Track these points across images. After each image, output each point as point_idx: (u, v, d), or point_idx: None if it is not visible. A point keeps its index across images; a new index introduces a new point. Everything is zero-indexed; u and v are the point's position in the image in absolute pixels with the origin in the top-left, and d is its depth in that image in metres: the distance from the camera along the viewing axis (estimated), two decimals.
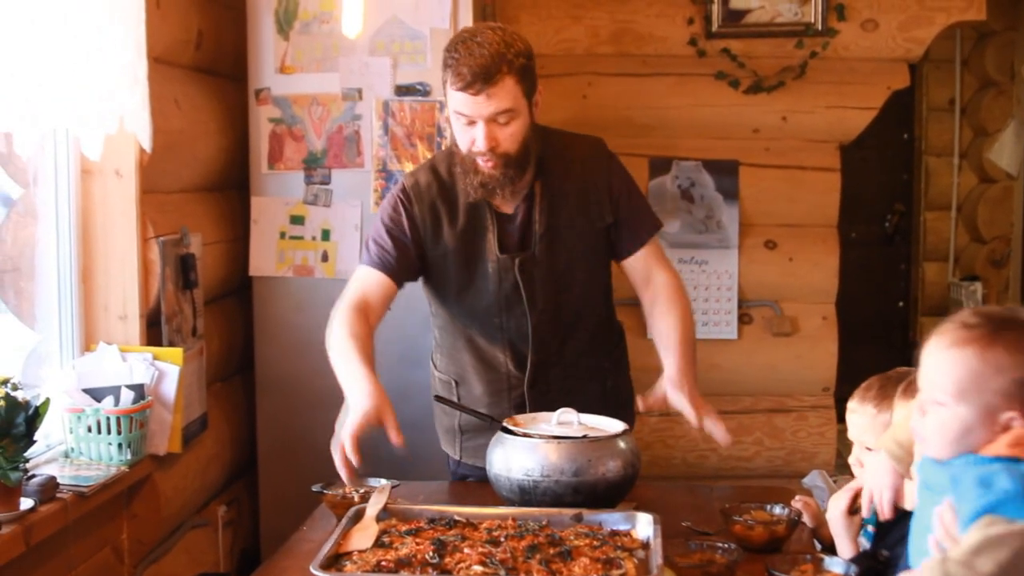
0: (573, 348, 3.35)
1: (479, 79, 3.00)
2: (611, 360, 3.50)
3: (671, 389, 3.06)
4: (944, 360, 1.92)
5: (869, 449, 2.66)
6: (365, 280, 3.24)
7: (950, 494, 1.86)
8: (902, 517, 2.39)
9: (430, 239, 3.26)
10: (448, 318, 3.38)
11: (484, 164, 3.11)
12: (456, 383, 3.41)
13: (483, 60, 3.00)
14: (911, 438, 2.25)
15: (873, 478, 2.36)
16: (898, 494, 2.31)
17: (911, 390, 2.30)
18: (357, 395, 2.93)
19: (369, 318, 3.15)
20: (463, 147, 3.14)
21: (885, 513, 2.33)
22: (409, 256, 3.26)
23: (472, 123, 3.08)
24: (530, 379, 3.29)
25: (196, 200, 4.22)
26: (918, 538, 2.00)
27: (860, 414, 2.72)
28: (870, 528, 2.76)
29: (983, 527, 1.75)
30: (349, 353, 3.04)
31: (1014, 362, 1.85)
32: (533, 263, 3.24)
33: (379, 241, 3.25)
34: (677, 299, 3.26)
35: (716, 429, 3.02)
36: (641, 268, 3.32)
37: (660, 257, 3.35)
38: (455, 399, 3.38)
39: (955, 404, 1.89)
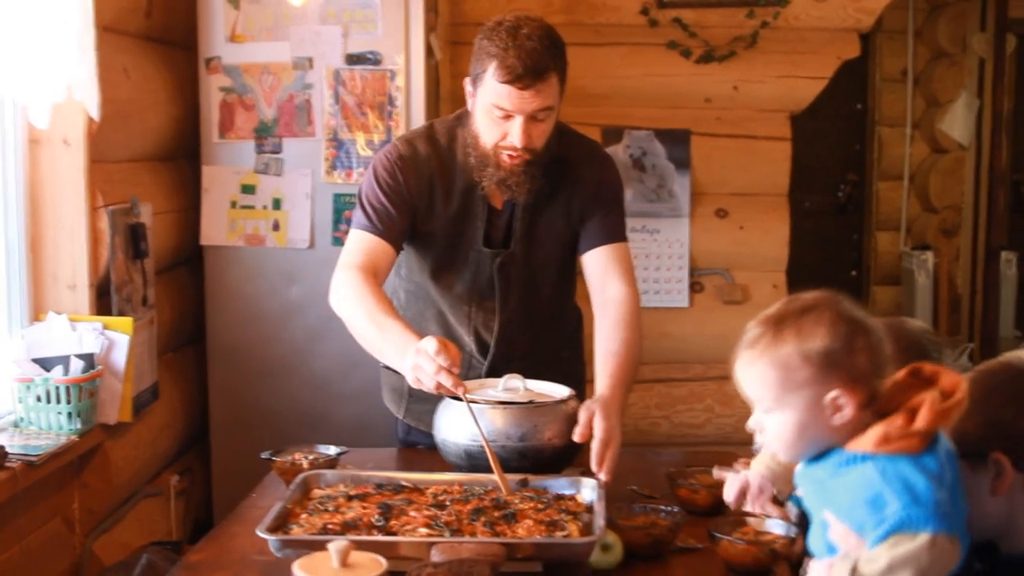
0: (538, 345, 3.31)
1: (530, 73, 2.87)
2: (570, 348, 3.47)
3: (597, 415, 2.83)
4: (750, 380, 1.94)
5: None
6: (368, 247, 3.08)
7: (839, 512, 1.90)
8: None
9: (422, 212, 3.14)
10: (420, 286, 3.29)
11: (508, 160, 3.00)
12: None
13: (535, 54, 2.87)
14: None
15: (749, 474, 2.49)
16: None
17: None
18: (419, 343, 2.74)
19: (378, 279, 3.02)
20: (490, 140, 3.01)
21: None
22: (407, 222, 3.13)
23: (508, 117, 2.94)
24: (490, 367, 3.24)
25: (146, 169, 4.21)
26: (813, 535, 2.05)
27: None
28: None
29: (889, 547, 1.79)
30: (378, 315, 2.89)
31: (804, 348, 1.88)
32: (512, 261, 3.18)
33: (377, 206, 3.10)
34: (629, 321, 3.08)
35: (603, 470, 2.75)
36: (597, 269, 3.19)
37: (621, 266, 3.19)
38: None
39: (780, 411, 1.92)
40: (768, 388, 1.91)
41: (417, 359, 2.70)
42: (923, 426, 1.83)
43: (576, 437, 2.78)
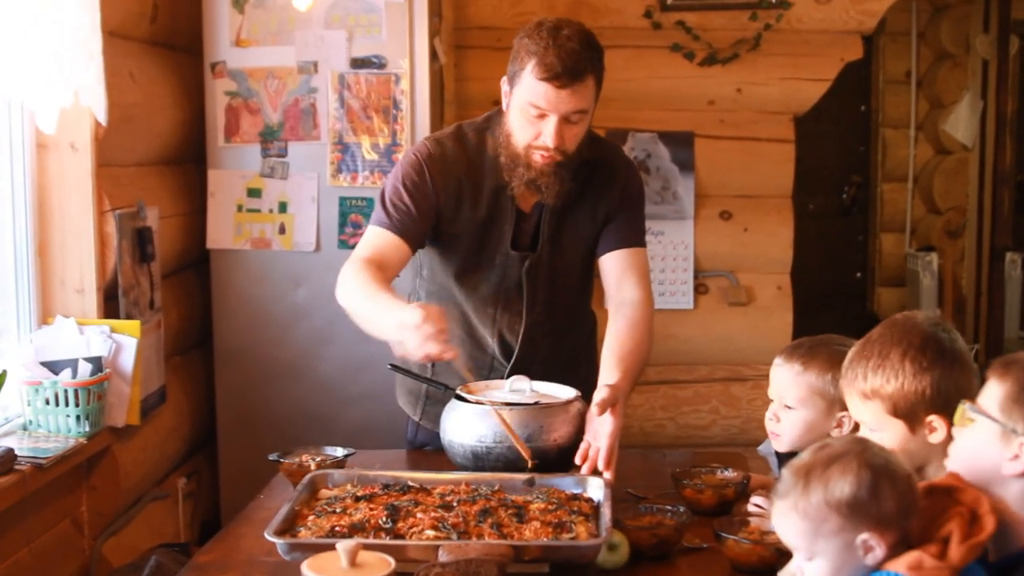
0: (558, 349, 3.32)
1: (568, 72, 2.88)
2: (585, 351, 3.48)
3: (619, 406, 2.84)
4: (784, 530, 1.99)
5: (788, 407, 2.71)
6: (381, 243, 3.09)
7: None
8: None
9: (448, 214, 3.15)
10: (444, 287, 3.28)
11: (539, 160, 3.00)
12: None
13: (574, 54, 2.89)
14: None
15: None
16: None
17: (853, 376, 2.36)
18: (402, 315, 2.74)
19: (385, 272, 3.02)
20: (523, 139, 3.01)
21: None
22: (428, 222, 3.13)
23: (543, 116, 2.95)
24: (512, 370, 3.21)
25: (153, 174, 4.23)
26: None
27: (785, 370, 2.73)
28: None
29: None
30: (372, 291, 2.89)
31: (831, 497, 1.91)
32: (539, 265, 3.19)
33: (398, 204, 3.09)
34: (642, 325, 3.10)
35: (609, 470, 2.76)
36: (614, 272, 3.20)
37: (638, 271, 3.21)
38: (430, 364, 3.27)
39: (815, 558, 1.95)
40: (801, 538, 1.95)
41: (401, 334, 2.71)
42: (956, 562, 1.88)
43: (595, 409, 2.78)
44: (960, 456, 2.05)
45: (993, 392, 1.99)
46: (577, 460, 2.80)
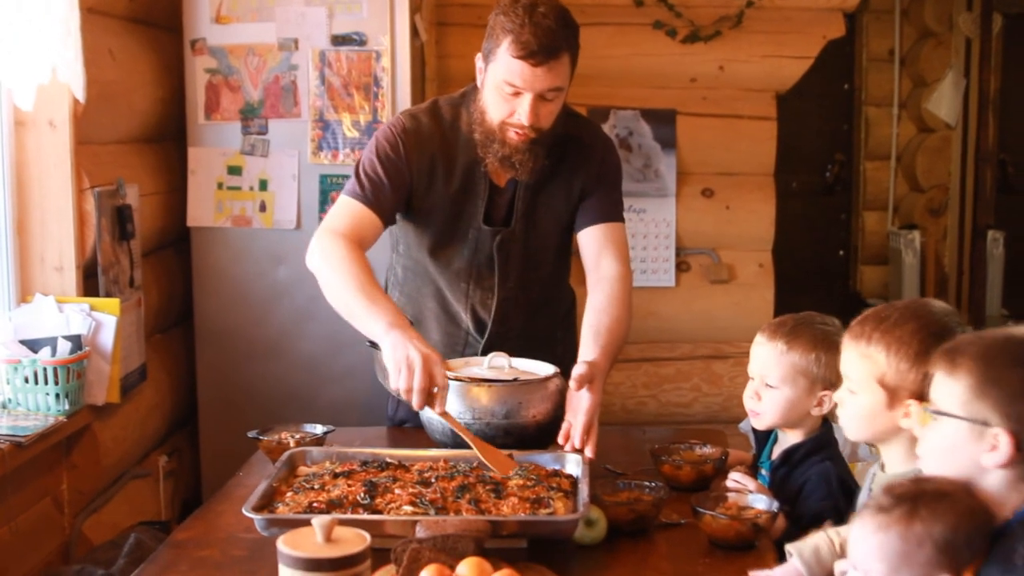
0: (533, 325, 3.33)
1: (544, 50, 2.86)
2: (563, 327, 3.48)
3: (596, 382, 2.84)
4: (870, 545, 1.97)
5: (770, 386, 2.72)
6: (356, 217, 3.07)
7: None
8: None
9: (422, 189, 3.15)
10: (419, 262, 3.29)
11: (514, 137, 3.00)
12: (411, 324, 3.27)
13: (550, 32, 2.87)
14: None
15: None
16: None
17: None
18: (405, 345, 2.72)
19: (363, 249, 3.01)
20: (497, 116, 3.01)
21: None
22: (401, 197, 3.13)
23: (518, 94, 2.94)
24: (486, 346, 3.25)
25: (133, 151, 4.22)
26: None
27: (768, 348, 2.74)
28: (764, 472, 2.84)
29: None
30: (366, 286, 2.88)
31: (931, 531, 1.91)
32: (512, 240, 3.19)
33: (374, 177, 3.10)
34: (621, 300, 3.08)
35: (588, 447, 2.75)
36: (592, 247, 3.19)
37: (616, 246, 3.20)
38: None
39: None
40: (885, 559, 1.94)
41: (393, 360, 2.70)
42: None
43: (572, 385, 2.78)
44: (933, 457, 2.07)
45: (949, 388, 2.00)
46: (560, 440, 2.80)
